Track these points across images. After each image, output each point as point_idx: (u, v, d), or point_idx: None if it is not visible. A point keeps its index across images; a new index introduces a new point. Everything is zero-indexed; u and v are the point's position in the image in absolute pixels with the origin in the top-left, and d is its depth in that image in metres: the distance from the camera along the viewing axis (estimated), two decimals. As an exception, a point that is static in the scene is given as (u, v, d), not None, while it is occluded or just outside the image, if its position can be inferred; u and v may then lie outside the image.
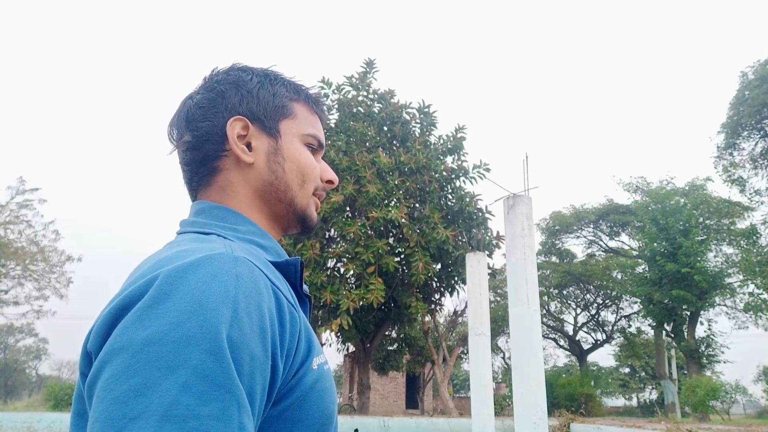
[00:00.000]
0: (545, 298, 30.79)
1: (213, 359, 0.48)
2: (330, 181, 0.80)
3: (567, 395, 21.36)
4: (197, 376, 0.47)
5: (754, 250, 19.92)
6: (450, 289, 17.17)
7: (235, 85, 0.75)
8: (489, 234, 16.02)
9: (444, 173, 16.28)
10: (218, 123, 0.73)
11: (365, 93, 17.52)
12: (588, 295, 31.84)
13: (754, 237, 20.34)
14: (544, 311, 31.27)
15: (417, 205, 16.27)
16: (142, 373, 0.47)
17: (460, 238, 15.64)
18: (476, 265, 10.13)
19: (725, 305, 25.20)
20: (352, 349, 20.57)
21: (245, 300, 0.53)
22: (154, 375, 0.47)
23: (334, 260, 16.08)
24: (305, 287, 0.70)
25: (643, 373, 37.24)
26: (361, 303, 14.27)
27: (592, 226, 31.23)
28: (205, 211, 0.71)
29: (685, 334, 22.63)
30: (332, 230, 16.05)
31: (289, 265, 0.67)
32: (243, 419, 0.49)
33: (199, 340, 0.49)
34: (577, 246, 34.87)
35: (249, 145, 0.73)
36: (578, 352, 32.14)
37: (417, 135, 17.16)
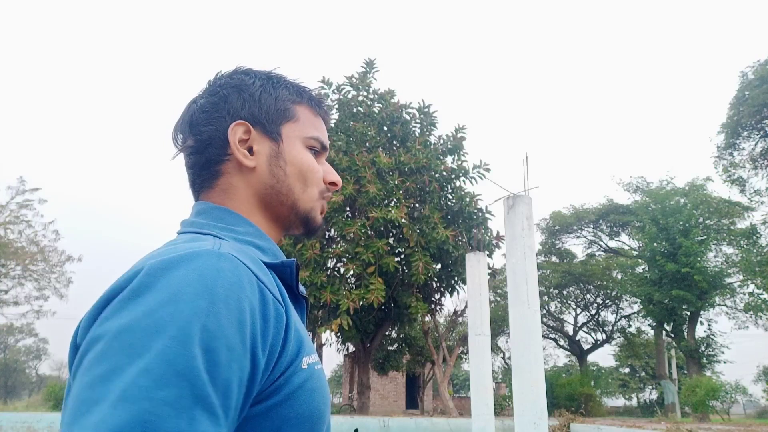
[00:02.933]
0: (545, 298, 30.78)
1: (179, 346, 0.49)
2: (333, 183, 0.80)
3: (567, 395, 21.33)
4: (159, 361, 0.48)
5: (754, 250, 19.93)
6: (450, 289, 17.17)
7: (237, 89, 0.76)
8: (489, 234, 16.01)
9: (444, 173, 16.28)
10: (220, 127, 0.74)
11: (365, 93, 17.50)
12: (588, 295, 31.81)
13: (754, 237, 20.34)
14: (544, 311, 31.25)
15: (417, 205, 16.27)
16: (111, 359, 0.48)
17: (460, 238, 15.64)
18: (476, 265, 10.13)
19: (725, 305, 25.18)
20: (352, 349, 20.57)
21: (224, 293, 0.54)
22: (122, 361, 0.48)
23: (334, 260, 16.07)
24: (302, 288, 0.71)
25: (643, 373, 37.21)
26: (361, 303, 14.26)
27: (592, 226, 31.22)
28: (205, 212, 0.72)
29: (685, 334, 22.62)
30: (332, 230, 16.04)
31: (285, 266, 0.67)
32: (195, 412, 0.47)
33: (168, 327, 0.49)
34: (577, 246, 34.91)
35: (251, 150, 0.74)
36: (578, 352, 32.12)
37: (417, 135, 17.15)
